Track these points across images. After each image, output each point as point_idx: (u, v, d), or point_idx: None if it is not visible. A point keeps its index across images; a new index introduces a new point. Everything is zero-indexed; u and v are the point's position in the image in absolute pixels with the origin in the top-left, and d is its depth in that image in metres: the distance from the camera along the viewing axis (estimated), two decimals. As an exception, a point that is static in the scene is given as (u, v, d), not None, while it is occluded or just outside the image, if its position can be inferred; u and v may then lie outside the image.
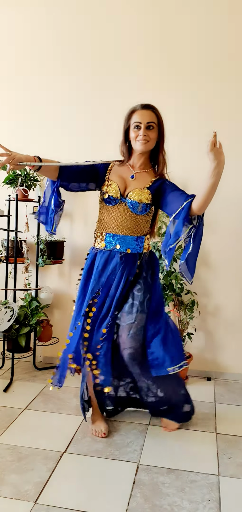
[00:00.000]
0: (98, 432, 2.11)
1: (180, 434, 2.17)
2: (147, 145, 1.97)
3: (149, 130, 1.95)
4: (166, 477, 1.79)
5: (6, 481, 1.74)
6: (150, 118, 1.95)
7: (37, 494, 1.66)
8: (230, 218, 2.90)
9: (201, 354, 2.99)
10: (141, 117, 1.94)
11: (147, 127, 1.94)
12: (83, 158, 2.40)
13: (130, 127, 1.99)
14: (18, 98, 3.16)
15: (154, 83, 2.96)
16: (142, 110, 1.96)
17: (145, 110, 1.96)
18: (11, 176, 2.89)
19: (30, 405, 2.44)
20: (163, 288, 2.83)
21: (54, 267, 3.17)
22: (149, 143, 1.97)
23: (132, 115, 1.98)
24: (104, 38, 3.00)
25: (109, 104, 2.97)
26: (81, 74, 3.05)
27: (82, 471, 1.83)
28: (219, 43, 2.86)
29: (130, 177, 2.04)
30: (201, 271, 2.97)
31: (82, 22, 3.03)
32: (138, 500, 1.64)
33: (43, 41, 3.10)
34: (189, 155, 2.93)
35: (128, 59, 2.98)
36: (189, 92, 2.92)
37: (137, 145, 1.97)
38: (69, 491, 1.69)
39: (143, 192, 2.02)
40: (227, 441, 2.11)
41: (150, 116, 1.95)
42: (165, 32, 2.93)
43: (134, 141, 1.98)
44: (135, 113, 1.97)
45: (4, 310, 2.75)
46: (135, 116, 1.96)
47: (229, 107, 2.87)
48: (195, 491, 1.70)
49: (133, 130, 1.97)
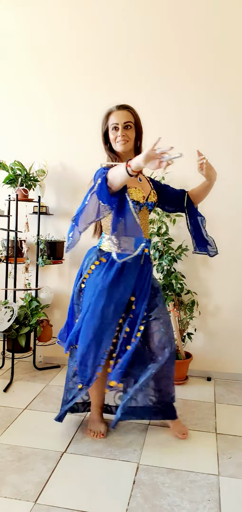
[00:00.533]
0: (97, 433, 2.10)
1: (180, 434, 2.17)
2: (127, 145, 1.97)
3: (126, 129, 1.96)
4: (166, 477, 1.79)
5: (6, 481, 1.74)
6: (126, 118, 1.95)
7: (37, 494, 1.66)
8: (230, 218, 2.90)
9: (201, 354, 2.99)
10: (117, 118, 1.95)
11: (124, 127, 1.95)
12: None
13: (108, 130, 2.00)
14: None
15: (152, 83, 2.96)
16: (118, 111, 1.96)
17: (121, 111, 1.96)
18: (11, 176, 2.89)
19: (30, 405, 2.44)
20: (163, 288, 2.83)
21: (54, 267, 3.17)
22: (128, 143, 1.97)
23: (109, 117, 1.99)
24: (101, 36, 3.01)
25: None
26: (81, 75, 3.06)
27: (82, 471, 1.83)
28: (211, 42, 2.86)
29: (138, 180, 2.06)
30: (201, 271, 2.97)
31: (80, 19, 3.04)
32: (138, 500, 1.64)
33: (43, 40, 3.10)
34: (188, 154, 2.93)
35: (126, 59, 2.98)
36: (186, 93, 2.92)
37: (117, 147, 1.98)
38: (69, 491, 1.69)
39: (154, 193, 2.11)
40: (227, 441, 2.11)
41: (126, 116, 1.96)
42: (158, 34, 2.93)
43: (114, 143, 1.98)
44: (111, 114, 1.97)
45: (4, 310, 2.75)
46: (111, 117, 1.97)
47: (228, 109, 2.87)
48: (195, 491, 1.70)
49: (112, 132, 1.98)
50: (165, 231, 2.85)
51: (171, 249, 2.87)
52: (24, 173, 2.90)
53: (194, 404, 2.53)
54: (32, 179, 2.93)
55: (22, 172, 2.90)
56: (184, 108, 2.92)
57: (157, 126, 2.95)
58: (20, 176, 2.89)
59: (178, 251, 2.87)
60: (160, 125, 2.95)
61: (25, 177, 2.90)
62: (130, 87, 2.98)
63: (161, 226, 2.85)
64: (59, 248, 3.06)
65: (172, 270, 2.86)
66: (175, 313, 2.84)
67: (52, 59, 3.10)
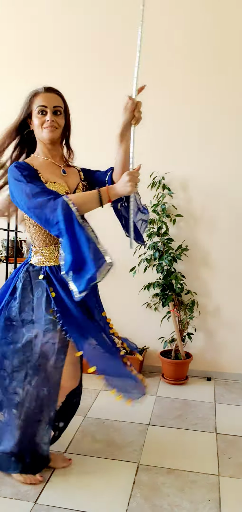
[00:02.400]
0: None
1: (180, 434, 2.17)
2: (55, 132, 1.70)
3: (56, 115, 1.69)
4: (166, 477, 1.79)
5: (6, 481, 1.74)
6: (56, 102, 1.70)
7: (37, 494, 1.66)
8: (230, 218, 2.90)
9: (201, 354, 2.99)
10: (46, 101, 1.68)
11: (53, 112, 1.68)
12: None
13: (32, 113, 1.71)
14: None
15: (150, 80, 2.96)
16: (46, 93, 1.69)
17: (50, 93, 1.70)
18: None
19: (30, 405, 2.43)
20: (163, 288, 2.83)
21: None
22: (57, 130, 1.70)
23: (34, 99, 1.70)
24: (102, 35, 3.01)
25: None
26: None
27: (82, 471, 1.83)
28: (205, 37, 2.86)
29: (62, 172, 1.76)
30: (201, 271, 2.97)
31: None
32: (138, 500, 1.64)
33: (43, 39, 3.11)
34: (188, 154, 2.93)
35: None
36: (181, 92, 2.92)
37: (43, 133, 1.69)
38: (69, 491, 1.69)
39: (84, 185, 1.81)
40: (227, 441, 2.11)
41: (56, 99, 1.70)
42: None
43: (39, 129, 1.69)
44: (38, 96, 1.69)
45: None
46: (38, 99, 1.69)
47: (228, 109, 2.87)
48: (195, 491, 1.70)
49: (37, 116, 1.68)
50: (165, 231, 2.85)
51: (171, 249, 2.87)
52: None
53: (194, 404, 2.53)
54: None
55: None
56: (184, 108, 2.92)
57: (157, 126, 2.96)
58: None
59: (178, 251, 2.87)
60: (160, 125, 2.95)
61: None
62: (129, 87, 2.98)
63: (161, 226, 2.85)
64: (59, 248, 3.05)
65: (172, 270, 2.86)
66: (175, 313, 2.84)
67: (54, 59, 3.10)
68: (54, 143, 1.75)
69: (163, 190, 2.87)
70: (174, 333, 2.92)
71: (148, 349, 3.01)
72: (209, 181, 2.90)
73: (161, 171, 2.89)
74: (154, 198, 2.90)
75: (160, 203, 2.84)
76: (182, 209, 2.95)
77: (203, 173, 2.91)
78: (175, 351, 2.87)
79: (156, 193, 2.89)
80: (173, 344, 2.92)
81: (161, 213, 2.82)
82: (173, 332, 2.93)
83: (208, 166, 2.91)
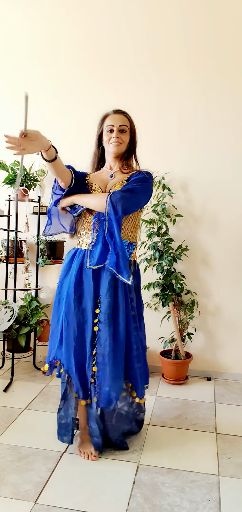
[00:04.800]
0: (88, 454, 1.93)
1: (180, 434, 2.17)
2: (120, 147, 1.98)
3: (121, 133, 1.97)
4: (166, 477, 1.79)
5: (6, 481, 1.74)
6: (122, 122, 1.98)
7: (37, 494, 1.66)
8: (230, 218, 2.90)
9: (201, 354, 2.99)
10: (113, 121, 1.97)
11: (119, 130, 1.97)
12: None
13: (103, 132, 2.01)
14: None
15: (152, 82, 2.96)
16: (114, 115, 1.99)
17: (117, 115, 1.99)
18: (11, 176, 2.89)
19: (30, 405, 2.44)
20: (163, 288, 2.83)
21: (54, 267, 3.17)
22: (121, 145, 1.98)
23: (105, 120, 2.01)
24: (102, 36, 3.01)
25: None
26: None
27: (82, 471, 1.83)
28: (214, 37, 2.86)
29: (109, 177, 2.02)
30: (201, 271, 2.97)
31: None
32: (138, 500, 1.64)
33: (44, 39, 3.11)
34: (188, 154, 2.93)
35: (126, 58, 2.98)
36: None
37: (110, 148, 1.98)
38: (69, 491, 1.69)
39: (120, 186, 1.94)
40: (227, 441, 2.11)
41: (122, 119, 1.98)
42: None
43: (107, 144, 1.99)
44: (108, 117, 2.00)
45: (4, 310, 2.75)
46: (107, 120, 1.99)
47: (228, 109, 2.87)
48: (195, 491, 1.70)
49: (106, 134, 1.99)
50: (165, 231, 2.85)
51: (171, 249, 2.87)
52: (24, 173, 2.90)
53: (194, 404, 2.53)
54: (32, 179, 2.93)
55: (22, 172, 2.90)
56: (184, 108, 2.92)
57: (157, 126, 2.97)
58: (20, 176, 2.89)
59: (178, 251, 2.87)
60: (160, 125, 2.96)
61: (25, 177, 2.90)
62: (129, 88, 2.99)
63: (161, 226, 2.85)
64: (59, 248, 3.06)
65: (172, 270, 2.86)
66: (175, 313, 2.84)
67: (55, 59, 3.11)
68: (118, 157, 2.02)
69: (163, 190, 2.87)
70: (174, 333, 2.92)
71: (148, 349, 3.01)
72: (209, 181, 2.91)
73: (161, 171, 2.89)
74: (154, 198, 2.90)
75: (160, 203, 2.84)
76: (182, 209, 2.95)
77: (203, 173, 2.92)
78: (175, 351, 2.87)
79: (156, 193, 2.89)
80: (173, 344, 2.92)
81: (161, 213, 2.82)
82: (173, 332, 2.93)
83: (208, 166, 2.91)
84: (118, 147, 1.97)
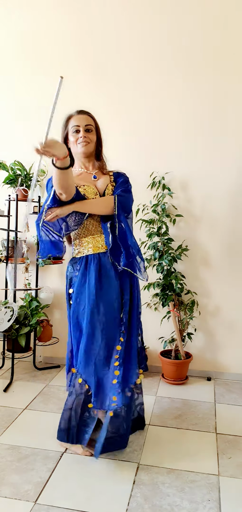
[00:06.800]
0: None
1: (180, 434, 2.17)
2: (88, 146, 1.97)
3: (88, 132, 1.97)
4: (166, 477, 1.79)
5: (6, 481, 1.74)
6: (87, 121, 1.98)
7: (37, 494, 1.66)
8: (230, 218, 2.90)
9: (201, 354, 2.99)
10: (78, 121, 1.97)
11: (85, 129, 1.97)
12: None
13: (69, 133, 1.99)
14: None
15: (153, 82, 2.96)
16: (78, 115, 1.99)
17: (82, 115, 1.99)
18: (11, 176, 2.89)
19: (30, 405, 2.44)
20: (163, 288, 2.83)
21: (54, 267, 3.17)
22: (89, 144, 1.97)
23: (69, 121, 1.99)
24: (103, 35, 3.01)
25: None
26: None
27: (82, 471, 1.83)
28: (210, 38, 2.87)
29: (93, 178, 2.01)
30: (201, 271, 2.97)
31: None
32: (138, 500, 1.64)
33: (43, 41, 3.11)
34: (188, 154, 2.93)
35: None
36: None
37: (78, 148, 1.97)
38: (69, 491, 1.69)
39: (112, 186, 2.01)
40: (227, 441, 2.11)
41: (87, 119, 1.98)
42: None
43: (75, 145, 1.98)
44: (72, 118, 1.99)
45: (4, 310, 2.75)
46: (72, 121, 1.98)
47: (229, 109, 2.87)
48: (195, 491, 1.70)
49: (72, 135, 1.97)
50: (165, 231, 2.85)
51: (171, 249, 2.87)
52: (24, 173, 2.90)
53: (194, 404, 2.53)
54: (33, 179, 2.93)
55: (22, 172, 2.90)
56: (184, 108, 2.92)
57: (157, 126, 2.97)
58: (20, 176, 2.89)
59: (178, 251, 2.87)
60: (160, 125, 2.96)
61: (25, 177, 2.90)
62: (130, 87, 2.99)
63: (161, 226, 2.85)
64: (59, 248, 3.05)
65: (172, 270, 2.86)
66: (175, 313, 2.84)
67: (54, 59, 3.10)
68: (89, 156, 2.01)
69: (163, 190, 2.87)
70: (174, 333, 2.92)
71: (148, 349, 3.01)
72: (209, 181, 2.90)
73: (161, 171, 2.89)
74: (154, 198, 2.90)
75: (160, 203, 2.84)
76: (182, 209, 2.95)
77: (203, 173, 2.92)
78: (175, 351, 2.87)
79: (156, 193, 2.89)
80: (173, 344, 2.92)
81: (161, 213, 2.82)
82: (173, 332, 2.94)
83: (208, 166, 2.91)
84: (87, 146, 1.96)
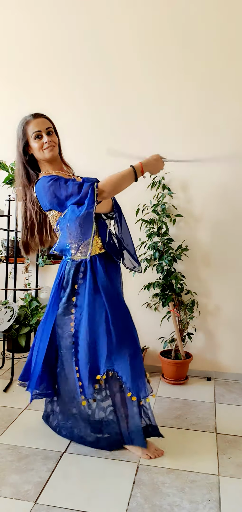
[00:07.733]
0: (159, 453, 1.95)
1: (180, 434, 2.17)
2: (54, 149, 1.91)
3: (50, 135, 1.90)
4: (166, 477, 1.79)
5: (6, 481, 1.74)
6: (47, 124, 1.91)
7: (37, 494, 1.66)
8: (230, 218, 2.90)
9: (201, 354, 2.99)
10: (38, 126, 1.89)
11: (47, 133, 1.90)
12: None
13: (29, 140, 1.90)
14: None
15: (152, 83, 2.96)
16: (36, 119, 1.90)
17: (40, 118, 1.91)
18: (11, 176, 2.89)
19: (30, 405, 2.44)
20: (163, 288, 2.83)
21: (54, 267, 3.16)
22: (55, 147, 1.92)
23: (27, 128, 1.90)
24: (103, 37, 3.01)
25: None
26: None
27: (82, 471, 1.83)
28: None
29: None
30: (201, 271, 2.97)
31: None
32: (138, 500, 1.64)
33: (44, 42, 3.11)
34: (189, 154, 2.93)
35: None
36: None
37: (45, 153, 1.90)
38: (69, 491, 1.69)
39: None
40: (227, 441, 2.11)
41: (45, 122, 1.92)
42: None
43: (40, 151, 1.89)
44: (30, 124, 1.89)
45: (4, 310, 2.75)
46: (31, 127, 1.89)
47: (229, 110, 2.87)
48: (195, 491, 1.70)
49: (34, 141, 1.89)
50: (165, 231, 2.85)
51: (171, 249, 2.87)
52: (24, 173, 2.89)
53: (194, 404, 2.53)
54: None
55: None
56: (184, 107, 2.92)
57: (157, 126, 2.97)
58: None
59: (178, 251, 2.87)
60: (160, 124, 2.95)
61: (25, 177, 2.89)
62: (128, 88, 2.99)
63: (161, 226, 2.85)
64: (59, 248, 3.05)
65: (172, 270, 2.86)
66: (175, 313, 2.84)
67: (54, 59, 3.10)
68: (55, 159, 1.96)
69: (163, 190, 2.87)
70: (174, 333, 2.92)
71: (148, 349, 3.01)
72: (209, 181, 2.90)
73: (161, 171, 2.88)
74: (154, 198, 2.90)
75: (160, 203, 2.84)
76: (182, 209, 2.95)
77: (203, 173, 2.91)
78: (175, 351, 2.87)
79: (156, 193, 2.89)
80: (173, 344, 2.92)
81: (161, 213, 2.82)
82: (173, 332, 2.93)
83: (208, 166, 2.90)
84: (54, 149, 1.91)
